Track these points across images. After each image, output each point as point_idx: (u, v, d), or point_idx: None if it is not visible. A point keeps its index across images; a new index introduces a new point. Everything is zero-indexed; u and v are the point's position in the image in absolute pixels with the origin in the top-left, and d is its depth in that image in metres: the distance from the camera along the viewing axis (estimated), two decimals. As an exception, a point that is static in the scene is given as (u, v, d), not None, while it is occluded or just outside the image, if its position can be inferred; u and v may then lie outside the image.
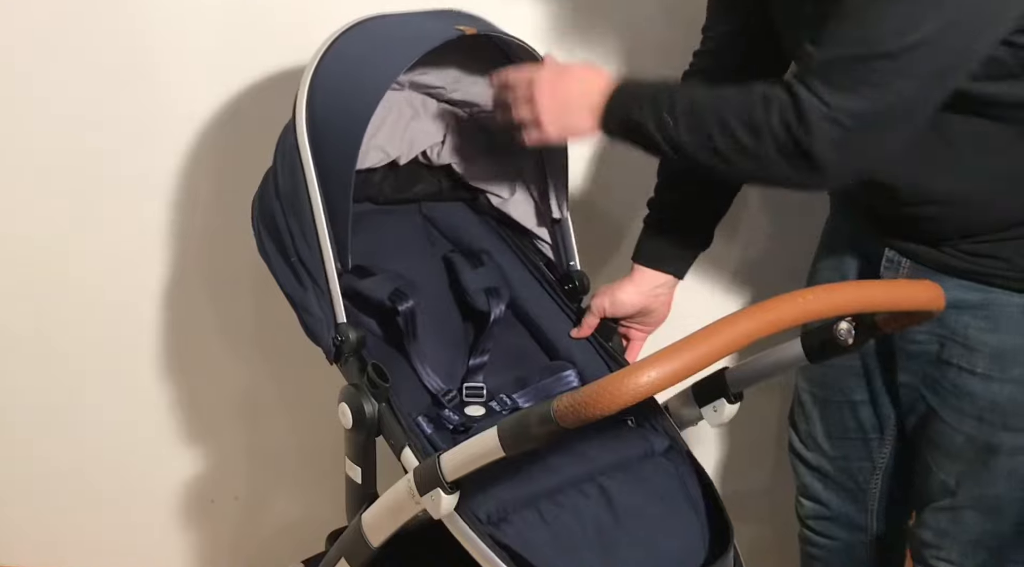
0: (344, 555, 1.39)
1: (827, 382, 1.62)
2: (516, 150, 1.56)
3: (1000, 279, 1.38)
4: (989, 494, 1.48)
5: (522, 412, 1.08)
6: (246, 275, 1.86)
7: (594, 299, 1.55)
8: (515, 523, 1.21)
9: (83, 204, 1.82)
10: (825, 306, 1.13)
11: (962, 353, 1.42)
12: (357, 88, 1.34)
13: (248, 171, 1.54)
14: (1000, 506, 1.48)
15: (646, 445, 1.34)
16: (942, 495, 1.52)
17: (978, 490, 1.48)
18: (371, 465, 1.38)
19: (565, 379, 1.46)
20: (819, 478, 1.71)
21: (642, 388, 0.99)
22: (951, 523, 1.52)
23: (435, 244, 1.64)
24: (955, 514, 1.52)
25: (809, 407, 1.68)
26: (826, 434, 1.67)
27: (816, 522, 1.75)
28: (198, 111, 1.78)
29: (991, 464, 1.46)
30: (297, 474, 2.07)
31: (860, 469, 1.68)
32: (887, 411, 1.61)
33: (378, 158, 1.57)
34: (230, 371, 1.97)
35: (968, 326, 1.41)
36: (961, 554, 1.53)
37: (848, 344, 1.30)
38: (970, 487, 1.49)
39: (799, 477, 1.74)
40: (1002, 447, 1.44)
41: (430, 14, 1.46)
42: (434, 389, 1.44)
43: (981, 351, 1.41)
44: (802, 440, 1.72)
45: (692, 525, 1.26)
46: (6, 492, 2.00)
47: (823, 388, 1.65)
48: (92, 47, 1.72)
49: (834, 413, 1.65)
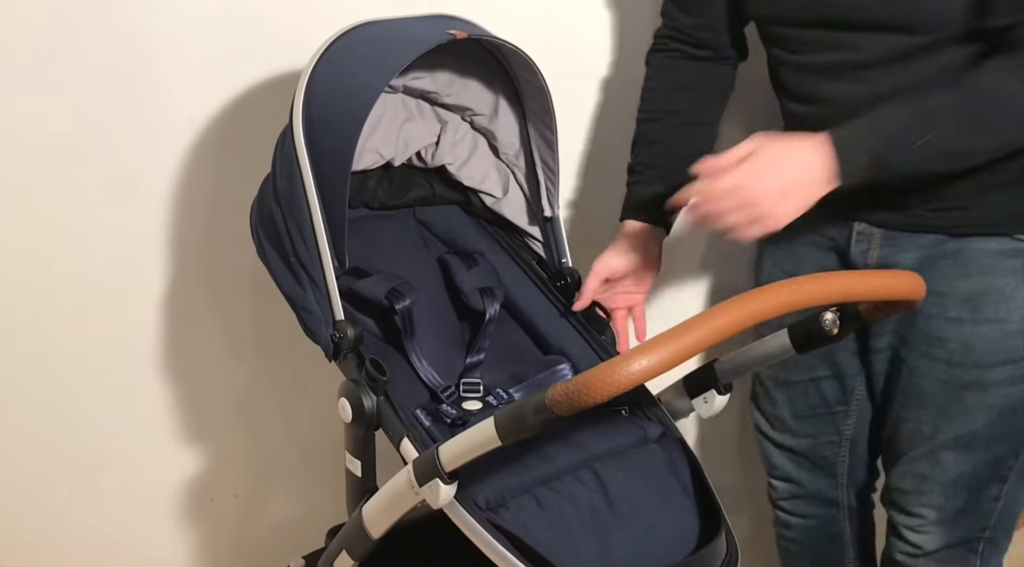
0: (345, 547, 1.41)
1: (788, 364, 1.63)
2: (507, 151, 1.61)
3: (967, 228, 1.43)
4: (966, 432, 1.52)
5: (518, 402, 1.11)
6: (244, 277, 1.88)
7: (592, 267, 1.59)
8: (513, 509, 1.24)
9: (81, 207, 1.83)
10: (809, 296, 1.16)
11: (933, 301, 1.45)
12: (351, 92, 1.37)
13: (245, 175, 1.57)
14: (977, 443, 1.52)
15: (639, 433, 1.38)
16: (919, 442, 1.56)
17: (954, 430, 1.52)
18: (371, 458, 1.40)
19: (560, 373, 1.49)
20: (790, 457, 1.75)
21: (634, 375, 1.02)
22: (930, 466, 1.56)
23: (430, 246, 1.67)
24: (933, 457, 1.55)
25: (772, 390, 1.73)
26: (792, 414, 1.72)
27: (789, 502, 1.79)
28: (197, 115, 1.80)
29: (966, 401, 1.50)
30: (296, 472, 2.09)
31: (828, 444, 1.72)
32: (852, 382, 1.66)
33: (373, 160, 1.60)
34: (228, 371, 1.99)
35: (942, 275, 1.45)
36: (942, 496, 1.56)
37: (833, 333, 1.33)
38: (947, 428, 1.53)
39: (769, 459, 1.78)
40: (974, 385, 1.49)
41: (422, 19, 1.49)
42: (432, 385, 1.47)
43: (951, 296, 1.46)
44: (769, 422, 1.76)
45: (685, 509, 1.29)
46: (5, 492, 2.00)
47: (784, 370, 1.69)
48: (90, 51, 1.74)
49: (798, 393, 1.70)
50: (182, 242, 1.88)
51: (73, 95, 1.76)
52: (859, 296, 1.27)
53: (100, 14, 1.72)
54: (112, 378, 1.95)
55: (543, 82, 1.47)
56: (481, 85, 1.57)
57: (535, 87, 1.49)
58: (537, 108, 1.54)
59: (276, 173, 1.43)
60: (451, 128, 1.63)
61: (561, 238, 1.61)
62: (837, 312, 1.33)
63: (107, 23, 1.73)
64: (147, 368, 1.96)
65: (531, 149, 1.58)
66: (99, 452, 1.99)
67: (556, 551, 1.21)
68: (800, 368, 1.67)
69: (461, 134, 1.64)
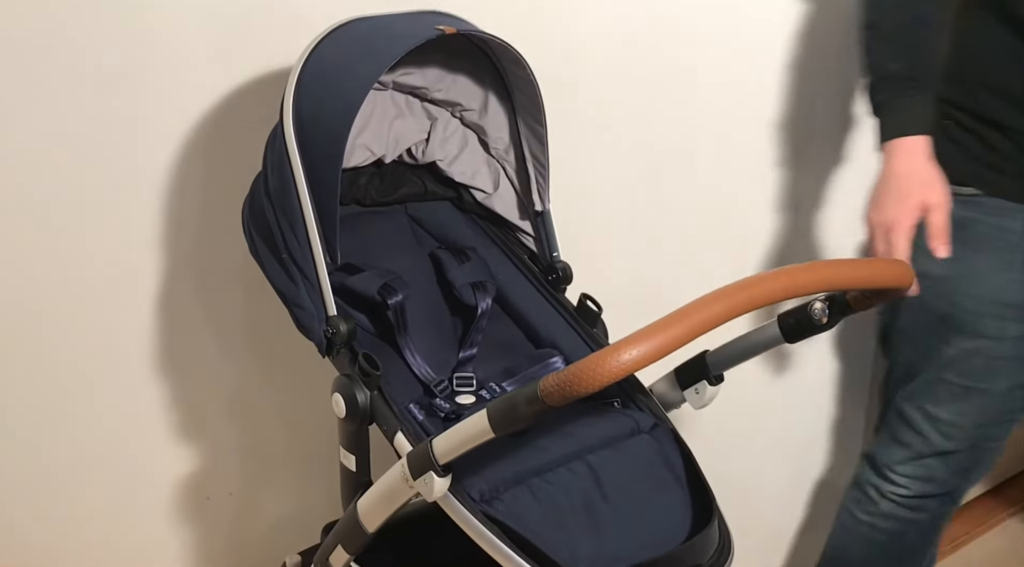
0: (341, 542, 1.42)
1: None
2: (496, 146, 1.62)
3: None
4: None
5: (510, 393, 1.12)
6: (237, 275, 1.88)
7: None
8: (507, 500, 1.25)
9: (72, 206, 1.83)
10: (800, 284, 1.17)
11: None
12: (341, 88, 1.38)
13: (237, 173, 1.57)
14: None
15: (632, 424, 1.38)
16: None
17: None
18: (365, 453, 1.41)
19: (552, 365, 1.50)
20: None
21: (624, 365, 1.03)
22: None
23: (422, 242, 1.68)
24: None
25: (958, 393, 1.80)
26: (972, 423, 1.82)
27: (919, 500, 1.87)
28: (186, 113, 1.80)
29: None
30: (291, 469, 2.09)
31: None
32: None
33: (364, 157, 1.61)
34: (222, 369, 1.99)
35: None
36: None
37: (823, 322, 1.35)
38: None
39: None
40: None
41: (412, 15, 1.49)
42: (425, 379, 1.48)
43: None
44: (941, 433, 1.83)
45: (677, 499, 1.30)
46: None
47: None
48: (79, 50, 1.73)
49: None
50: (174, 240, 1.88)
51: (62, 95, 1.75)
52: (850, 284, 1.29)
53: (88, 13, 1.72)
54: (105, 377, 1.95)
55: (532, 76, 1.48)
56: (470, 80, 1.58)
57: (524, 81, 1.50)
58: (526, 102, 1.54)
59: (267, 170, 1.44)
60: (441, 124, 1.64)
61: (552, 232, 1.61)
62: (826, 302, 1.34)
63: (95, 22, 1.73)
64: (140, 366, 1.96)
65: (521, 144, 1.59)
66: (94, 452, 1.99)
67: (551, 541, 1.22)
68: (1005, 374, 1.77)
69: (451, 130, 1.64)
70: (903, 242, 1.48)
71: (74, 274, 1.87)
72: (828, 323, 1.35)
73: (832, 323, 1.35)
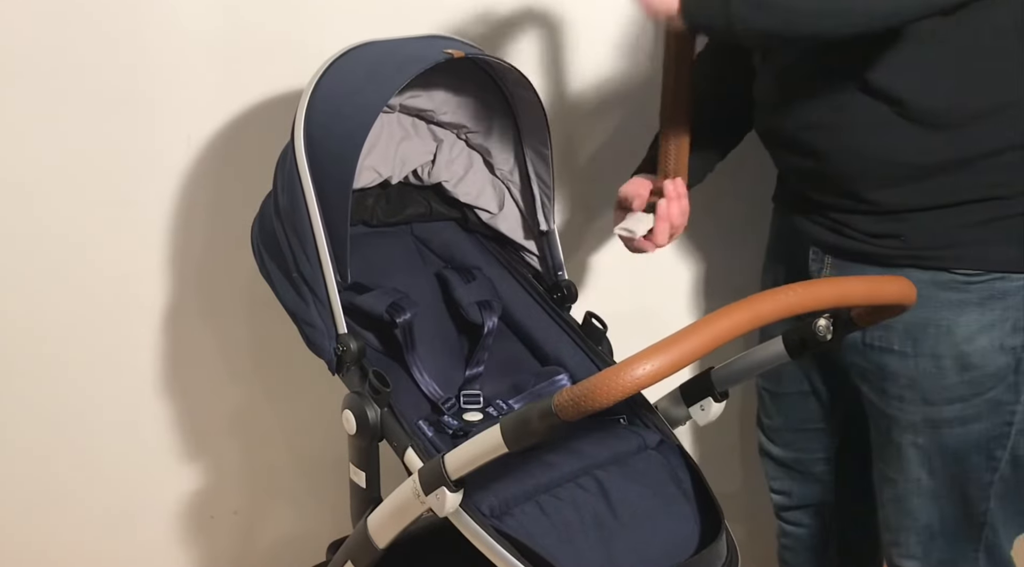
0: (351, 558, 1.42)
1: (780, 377, 1.71)
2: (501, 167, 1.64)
3: (903, 258, 1.46)
4: (923, 475, 1.53)
5: (524, 408, 1.13)
6: (243, 295, 1.90)
7: None
8: (517, 516, 1.27)
9: (80, 226, 1.84)
10: (805, 301, 1.18)
11: (880, 334, 1.50)
12: (351, 111, 1.39)
13: (245, 193, 1.58)
14: (938, 487, 1.54)
15: (639, 440, 1.40)
16: (886, 486, 1.59)
17: (914, 473, 1.54)
18: (375, 470, 1.41)
19: (558, 383, 1.51)
20: (783, 470, 1.80)
21: (638, 380, 1.05)
22: (899, 515, 1.58)
23: (428, 262, 1.70)
24: (899, 505, 1.57)
25: (768, 403, 1.78)
26: (784, 426, 1.77)
27: (787, 512, 1.84)
28: (195, 134, 1.81)
29: (919, 443, 1.52)
30: (295, 488, 2.10)
31: (815, 460, 1.77)
32: (829, 403, 1.71)
33: (371, 178, 1.63)
34: (227, 388, 2.00)
35: None
36: (920, 547, 1.57)
37: (827, 339, 1.36)
38: (906, 472, 1.55)
39: (767, 471, 1.83)
40: (926, 423, 1.51)
41: (419, 39, 1.51)
42: (433, 397, 1.49)
43: (895, 328, 1.48)
44: (767, 435, 1.81)
45: (685, 514, 1.32)
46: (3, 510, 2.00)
47: (777, 383, 1.74)
48: (87, 70, 1.75)
49: (788, 405, 1.75)
50: (181, 261, 1.89)
51: (70, 115, 1.77)
52: (854, 301, 1.30)
53: (96, 33, 1.74)
54: (111, 396, 1.96)
55: (538, 99, 1.50)
56: (476, 103, 1.60)
57: (529, 104, 1.52)
58: (532, 124, 1.56)
59: (278, 190, 1.45)
60: (447, 146, 1.66)
61: (557, 251, 1.63)
62: (830, 318, 1.36)
63: (103, 42, 1.74)
64: (145, 385, 1.96)
65: (526, 165, 1.61)
66: (99, 471, 2.00)
67: (561, 556, 1.23)
68: (790, 380, 1.71)
69: (457, 151, 1.66)
70: None
71: (81, 292, 1.88)
72: (832, 340, 1.37)
73: (836, 340, 1.37)
